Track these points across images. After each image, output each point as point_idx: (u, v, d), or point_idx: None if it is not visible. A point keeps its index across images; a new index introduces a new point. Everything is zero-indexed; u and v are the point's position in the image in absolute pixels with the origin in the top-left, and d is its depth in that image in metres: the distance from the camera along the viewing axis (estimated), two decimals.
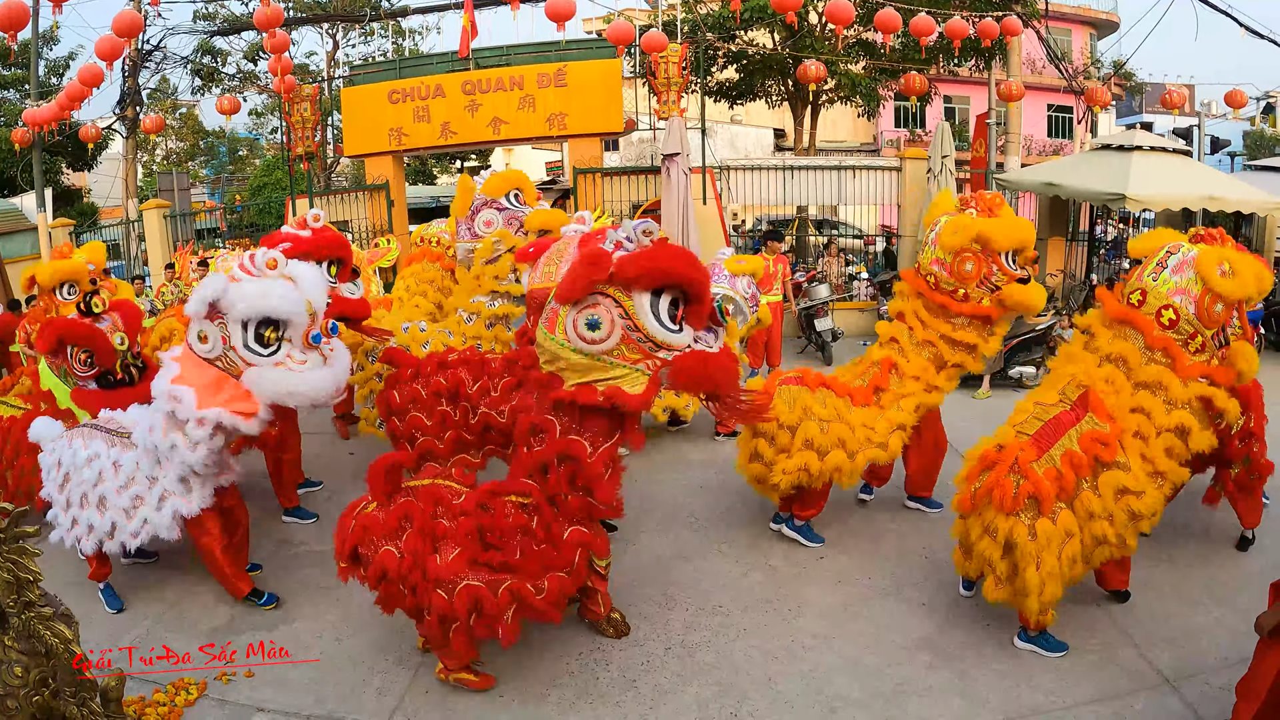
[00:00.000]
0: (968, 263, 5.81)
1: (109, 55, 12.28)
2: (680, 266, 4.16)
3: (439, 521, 4.44)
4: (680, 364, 4.24)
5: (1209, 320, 4.84)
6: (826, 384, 6.08)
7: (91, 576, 5.79)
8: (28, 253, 16.37)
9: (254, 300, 4.83)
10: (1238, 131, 36.76)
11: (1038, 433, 4.86)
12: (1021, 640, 4.98)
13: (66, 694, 3.65)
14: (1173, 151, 12.35)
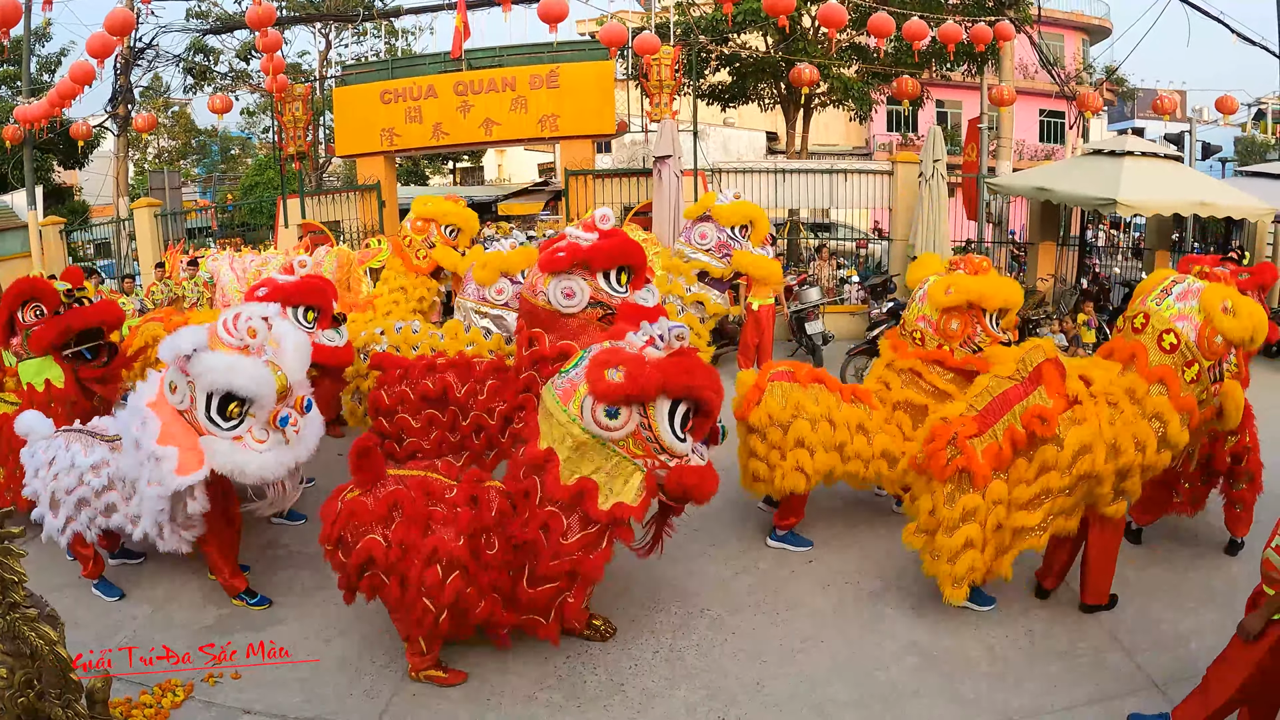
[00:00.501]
0: (954, 321, 6.05)
1: (100, 53, 12.24)
2: (708, 388, 4.46)
3: (433, 509, 4.52)
4: (681, 476, 4.49)
5: (1208, 351, 4.90)
6: (819, 379, 6.18)
7: (86, 575, 5.85)
8: (18, 251, 16.27)
9: (220, 374, 4.83)
10: (1229, 137, 36.95)
11: (985, 408, 5.06)
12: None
13: (51, 695, 3.63)
14: (1164, 157, 12.38)
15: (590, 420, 4.40)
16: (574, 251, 5.93)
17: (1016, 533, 5.02)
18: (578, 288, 5.91)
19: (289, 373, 5.10)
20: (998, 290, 6.06)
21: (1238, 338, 4.87)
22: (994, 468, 4.93)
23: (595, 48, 13.24)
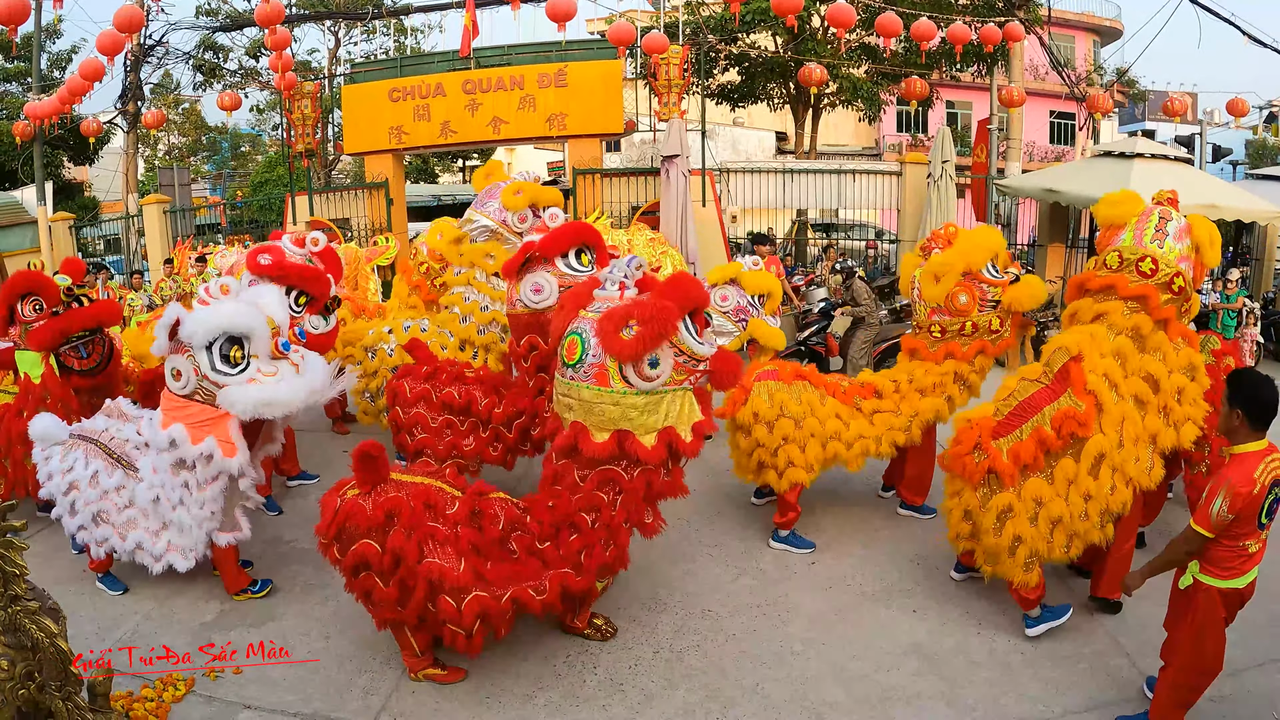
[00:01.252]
0: (960, 296, 6.03)
1: (110, 50, 12.29)
2: (699, 289, 4.70)
3: (433, 526, 4.47)
4: (721, 367, 4.69)
5: (1196, 286, 5.21)
6: (803, 376, 6.30)
7: (93, 567, 5.90)
8: (27, 246, 16.36)
9: (208, 322, 4.96)
10: (1240, 140, 36.76)
11: (1011, 411, 5.11)
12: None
13: (52, 688, 3.65)
14: (1174, 159, 12.33)
15: (640, 381, 4.50)
16: (525, 248, 6.00)
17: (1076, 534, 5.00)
18: (544, 281, 5.90)
19: (271, 315, 5.26)
20: (975, 246, 6.06)
21: (1215, 265, 5.24)
22: (1021, 465, 4.95)
23: (604, 47, 13.22)
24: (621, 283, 4.73)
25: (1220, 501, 3.81)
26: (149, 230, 15.59)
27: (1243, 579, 4.01)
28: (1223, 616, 4.04)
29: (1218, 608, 4.01)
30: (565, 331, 4.74)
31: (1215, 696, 4.56)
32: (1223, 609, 4.02)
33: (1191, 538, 3.95)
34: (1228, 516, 3.83)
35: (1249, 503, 3.82)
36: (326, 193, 14.72)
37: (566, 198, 16.40)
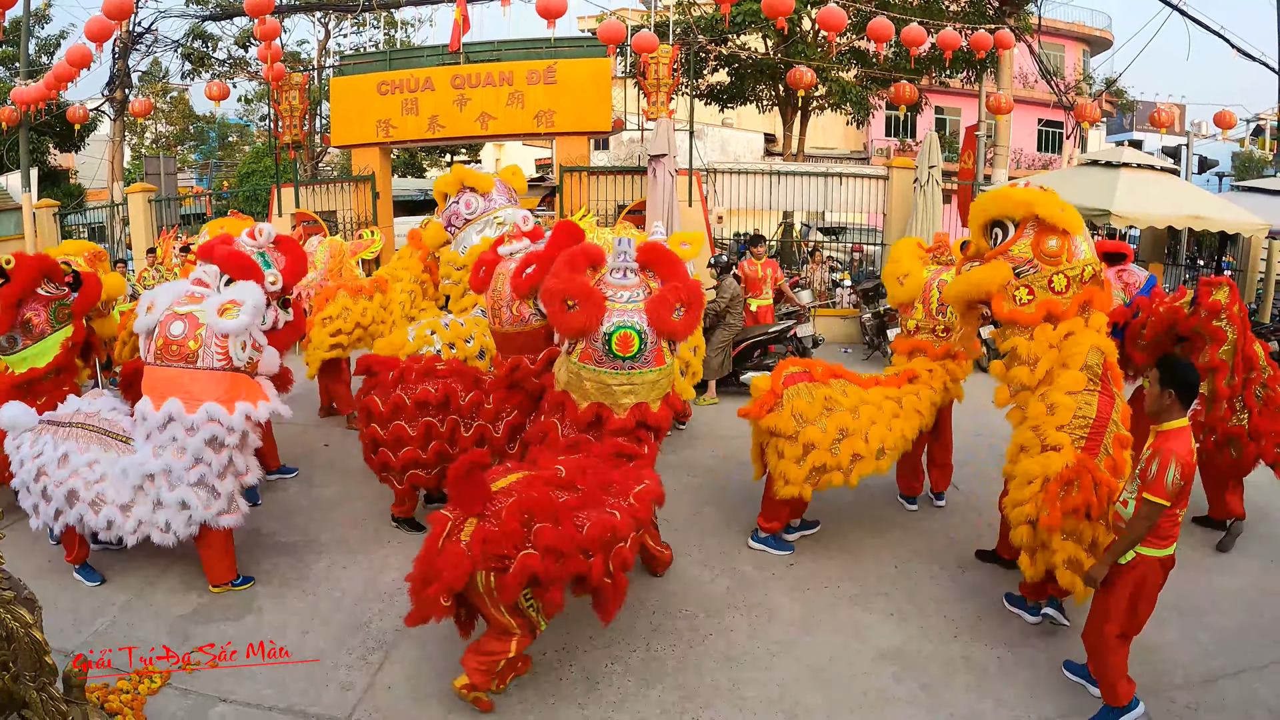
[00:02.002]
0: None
1: (98, 37, 12.21)
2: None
3: (562, 501, 4.42)
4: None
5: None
6: (839, 374, 6.32)
7: (70, 560, 5.85)
8: (11, 233, 16.25)
9: (259, 294, 5.62)
10: (1226, 152, 37.06)
11: (1088, 438, 5.02)
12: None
13: (27, 679, 3.62)
14: (1160, 170, 12.42)
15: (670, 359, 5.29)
16: (539, 267, 5.90)
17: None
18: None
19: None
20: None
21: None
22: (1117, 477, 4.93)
23: (593, 44, 13.21)
24: (624, 270, 5.21)
25: (1173, 470, 4.08)
26: (134, 219, 15.48)
27: (1172, 546, 4.32)
28: (1160, 583, 4.35)
29: (1157, 575, 4.31)
30: (597, 326, 4.99)
31: (1193, 704, 4.61)
32: (1160, 575, 4.33)
33: (1153, 510, 4.15)
34: (1180, 483, 4.10)
35: (1191, 470, 4.16)
36: (313, 185, 14.65)
37: (553, 195, 16.39)
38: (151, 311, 5.46)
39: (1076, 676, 4.78)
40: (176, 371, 5.38)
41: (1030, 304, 5.16)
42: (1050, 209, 5.11)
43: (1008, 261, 5.21)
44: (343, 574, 5.96)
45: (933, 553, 6.28)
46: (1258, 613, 5.53)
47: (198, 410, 5.29)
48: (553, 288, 5.04)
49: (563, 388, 5.38)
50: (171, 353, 5.39)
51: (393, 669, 4.92)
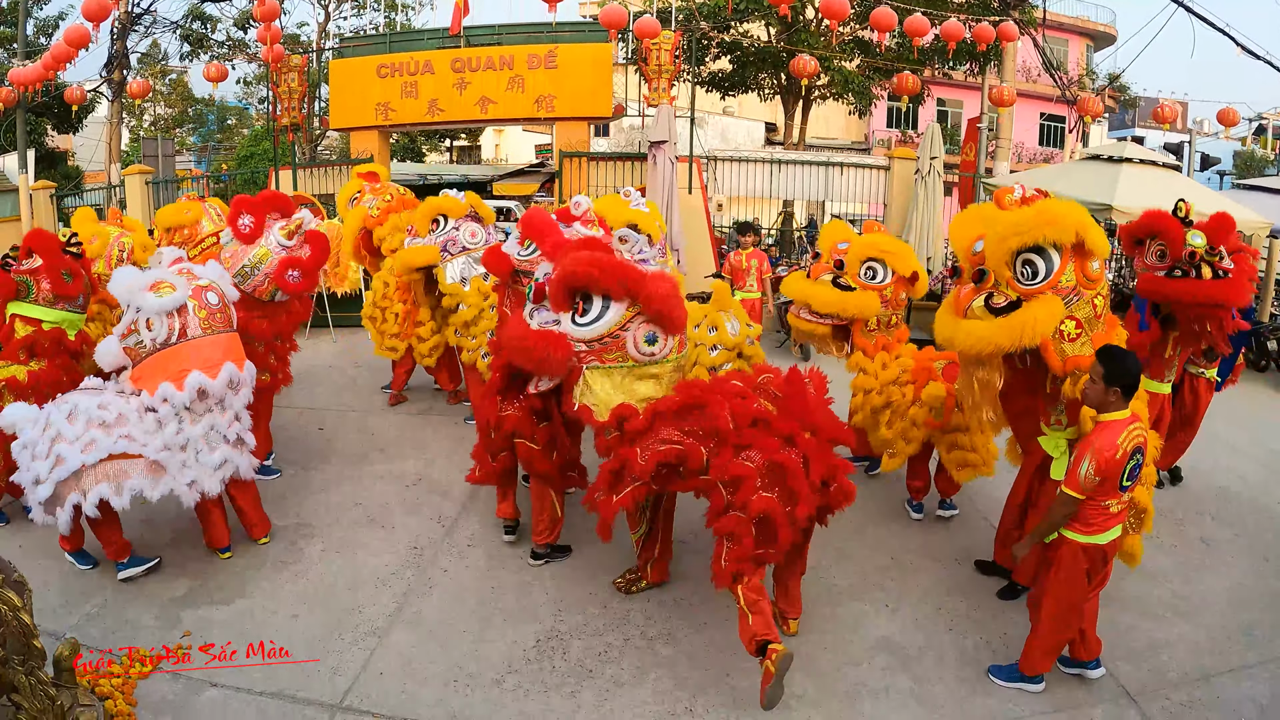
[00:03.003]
0: (901, 292, 6.55)
1: (96, 17, 12.13)
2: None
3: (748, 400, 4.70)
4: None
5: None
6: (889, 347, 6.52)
7: (65, 546, 5.74)
8: (7, 214, 16.17)
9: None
10: (1229, 151, 36.99)
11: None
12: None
13: (15, 662, 3.60)
14: (1162, 165, 12.35)
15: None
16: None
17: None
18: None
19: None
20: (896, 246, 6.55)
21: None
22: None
23: (595, 29, 13.13)
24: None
25: (1087, 465, 4.11)
26: (131, 201, 15.42)
27: (1105, 535, 4.32)
28: (1085, 569, 4.37)
29: (1080, 560, 4.35)
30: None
31: (1188, 702, 4.61)
32: (1085, 561, 4.35)
33: (1066, 501, 4.24)
34: (1095, 479, 4.12)
35: (1112, 466, 4.10)
36: (311, 168, 14.59)
37: (552, 181, 16.32)
38: (172, 291, 5.40)
39: (1071, 669, 4.77)
40: (227, 337, 5.60)
41: (1081, 340, 4.60)
42: (1095, 225, 4.48)
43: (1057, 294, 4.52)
44: (335, 559, 5.93)
45: (928, 546, 6.26)
46: (1250, 611, 5.52)
47: (246, 368, 5.63)
48: (667, 290, 4.82)
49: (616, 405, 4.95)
50: (218, 320, 5.56)
51: (385, 655, 4.90)
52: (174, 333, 5.36)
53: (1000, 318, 4.50)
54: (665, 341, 4.89)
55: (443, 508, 6.72)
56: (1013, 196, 4.67)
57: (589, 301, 4.81)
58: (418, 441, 8.03)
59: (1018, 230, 4.42)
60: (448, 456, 7.60)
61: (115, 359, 5.48)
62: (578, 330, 4.83)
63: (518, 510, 6.18)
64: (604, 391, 4.91)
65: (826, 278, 6.52)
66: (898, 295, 6.53)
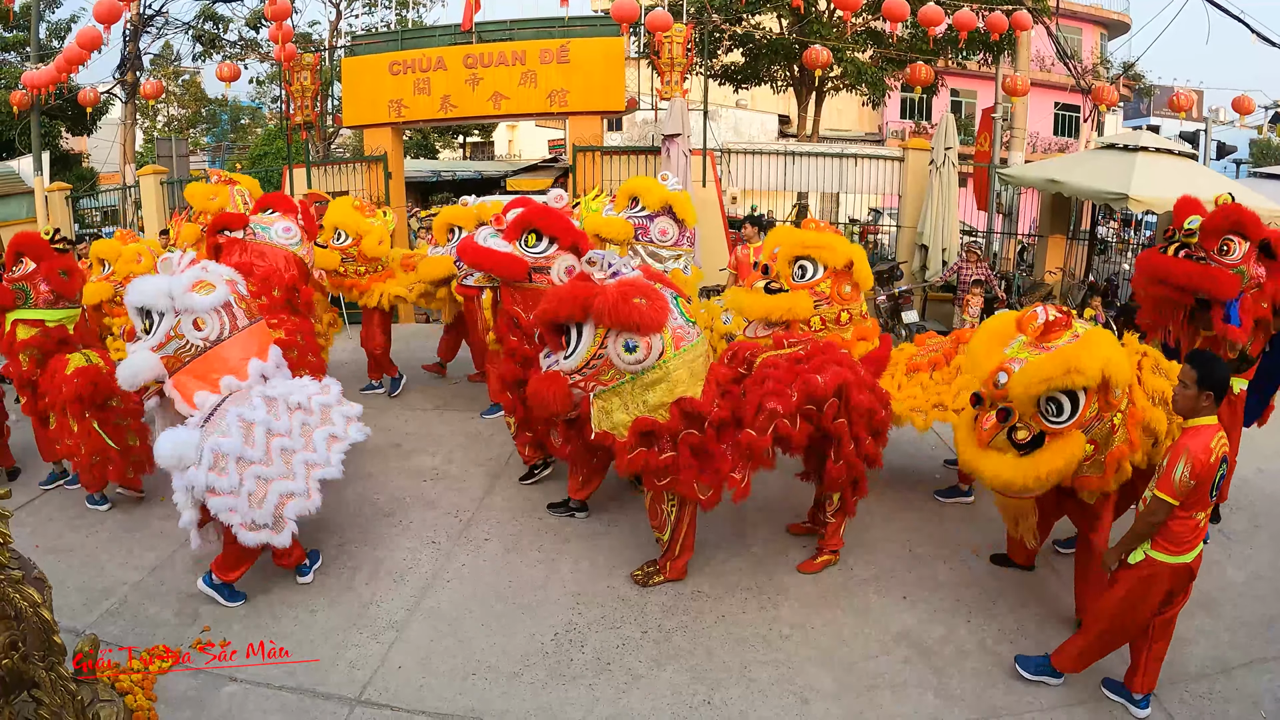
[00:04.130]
0: (844, 285, 6.61)
1: (108, 19, 12.18)
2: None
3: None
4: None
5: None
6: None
7: (286, 563, 5.45)
8: (23, 216, 16.25)
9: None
10: (1244, 139, 36.66)
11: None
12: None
13: (35, 658, 3.61)
14: (1178, 154, 12.24)
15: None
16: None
17: None
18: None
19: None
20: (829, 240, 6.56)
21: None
22: None
23: (606, 23, 13.09)
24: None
25: (1182, 468, 3.94)
26: (146, 201, 15.48)
27: (1191, 553, 4.15)
28: (1167, 590, 4.20)
29: (1163, 582, 4.17)
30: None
31: (1206, 694, 4.57)
32: (1168, 582, 4.18)
33: (1159, 507, 4.06)
34: (1190, 483, 3.95)
35: (1208, 470, 3.95)
36: (325, 166, 14.62)
37: (566, 175, 16.32)
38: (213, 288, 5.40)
39: (1116, 695, 4.52)
40: (260, 325, 5.76)
41: (1094, 460, 4.62)
42: (1121, 360, 4.41)
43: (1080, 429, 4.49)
44: (352, 554, 5.95)
45: (946, 537, 6.23)
46: (1269, 603, 5.47)
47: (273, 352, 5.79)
48: (612, 299, 4.84)
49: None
50: (253, 309, 5.73)
51: (403, 649, 4.92)
52: (225, 327, 5.39)
53: (1024, 457, 4.49)
54: (647, 344, 4.86)
55: (459, 502, 6.73)
56: (1036, 323, 4.52)
57: (568, 334, 4.98)
58: (433, 436, 8.05)
59: (1046, 379, 4.32)
60: (464, 451, 7.61)
61: (151, 372, 5.28)
62: (566, 363, 4.99)
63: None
64: (618, 413, 5.03)
65: (760, 285, 6.54)
66: (838, 289, 6.51)
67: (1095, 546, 4.91)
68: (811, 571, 5.69)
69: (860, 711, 4.44)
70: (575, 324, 4.92)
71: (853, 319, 6.64)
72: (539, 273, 6.59)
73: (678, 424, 4.95)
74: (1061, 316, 4.51)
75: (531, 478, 7.01)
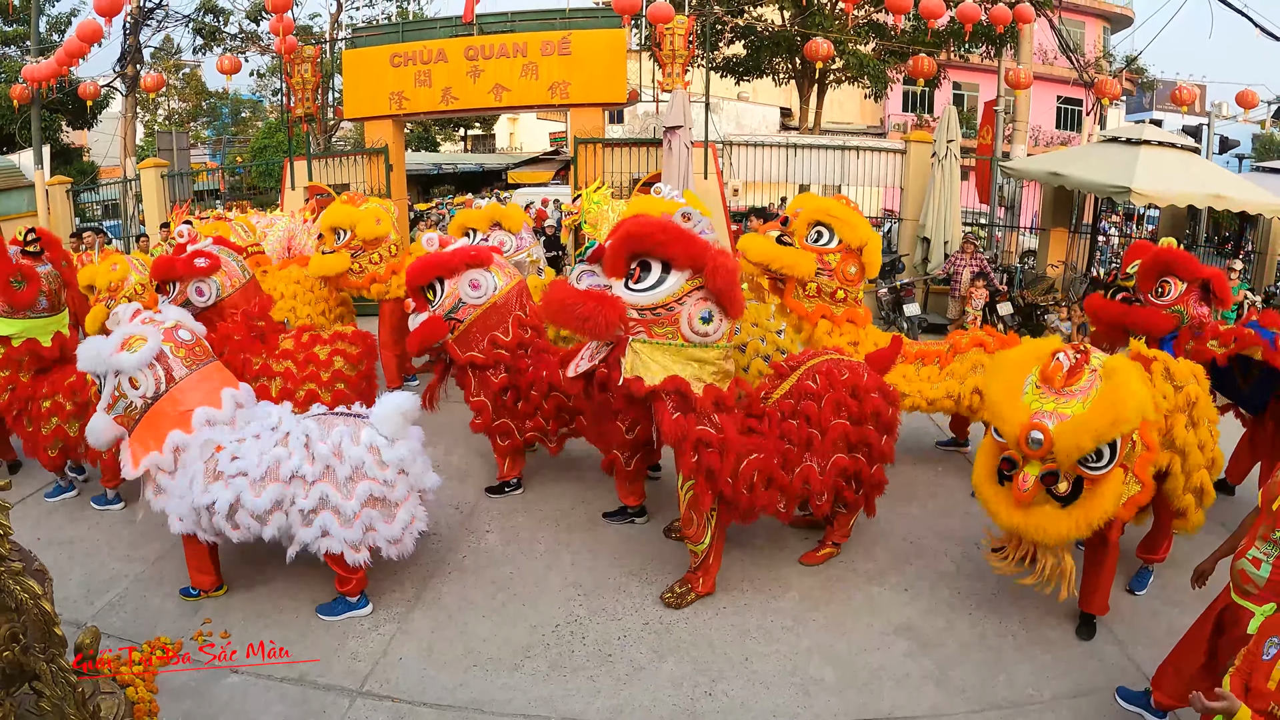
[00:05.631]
0: (850, 265, 6.71)
1: (108, 11, 12.16)
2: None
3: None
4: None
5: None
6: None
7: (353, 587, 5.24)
8: (24, 210, 16.23)
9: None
10: (1247, 133, 36.55)
11: None
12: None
13: (36, 650, 3.61)
14: (1181, 148, 12.21)
15: None
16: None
17: None
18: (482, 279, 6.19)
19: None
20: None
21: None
22: None
23: (608, 15, 13.05)
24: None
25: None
26: (146, 194, 15.48)
27: None
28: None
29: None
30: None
31: None
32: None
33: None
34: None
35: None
36: (326, 158, 14.59)
37: (568, 167, 16.28)
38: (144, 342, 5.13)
39: (1133, 705, 4.37)
40: (212, 366, 5.45)
41: (1128, 479, 4.52)
42: (1149, 402, 4.35)
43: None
44: None
45: (948, 529, 6.23)
46: None
47: (242, 388, 5.55)
48: (733, 266, 4.64)
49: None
50: (198, 353, 5.36)
51: (404, 640, 4.92)
52: (160, 381, 5.05)
53: (1066, 508, 4.26)
54: (719, 323, 4.66)
55: (461, 494, 6.72)
56: (1061, 373, 4.24)
57: (646, 269, 4.56)
58: (435, 427, 7.98)
59: (1095, 437, 4.06)
60: (465, 443, 7.60)
61: (110, 433, 5.13)
62: (632, 296, 4.55)
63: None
64: (655, 361, 4.66)
65: (773, 234, 6.63)
66: (845, 268, 6.56)
67: (1107, 545, 4.84)
68: (813, 564, 5.69)
69: (862, 703, 4.43)
70: (665, 264, 4.54)
71: (848, 299, 6.66)
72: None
73: (709, 407, 4.76)
74: (1080, 357, 4.27)
75: (500, 493, 6.81)
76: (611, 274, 4.65)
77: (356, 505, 4.84)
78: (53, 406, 6.32)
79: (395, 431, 4.97)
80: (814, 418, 5.11)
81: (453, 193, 29.43)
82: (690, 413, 4.72)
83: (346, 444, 4.87)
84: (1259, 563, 3.67)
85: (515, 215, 8.92)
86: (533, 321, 6.34)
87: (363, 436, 4.91)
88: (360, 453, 4.85)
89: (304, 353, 6.62)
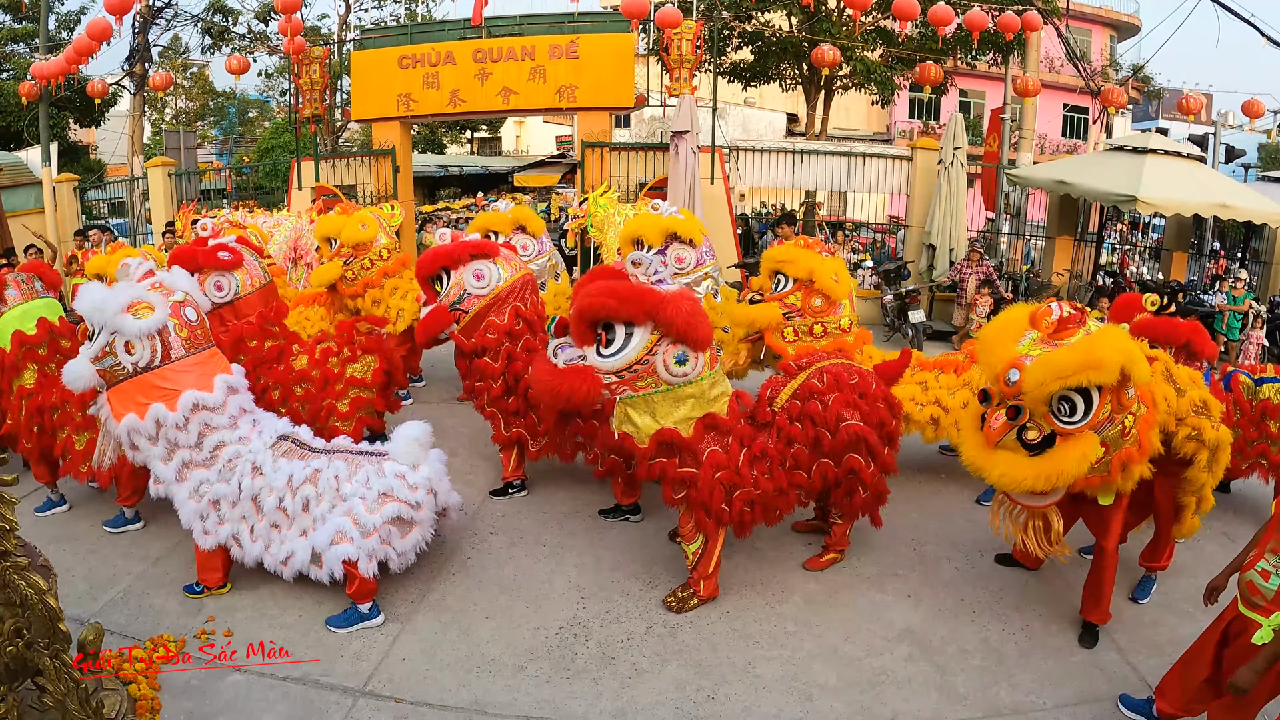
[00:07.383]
0: (815, 298, 6.87)
1: (118, 10, 12.20)
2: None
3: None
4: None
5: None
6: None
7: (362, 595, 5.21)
8: (31, 207, 16.28)
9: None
10: (1254, 143, 36.52)
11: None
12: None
13: (40, 645, 3.61)
14: (1187, 157, 12.20)
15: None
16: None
17: None
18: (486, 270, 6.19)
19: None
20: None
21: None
22: None
23: (616, 19, 13.09)
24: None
25: None
26: (153, 193, 15.52)
27: None
28: None
29: None
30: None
31: None
32: None
33: None
34: None
35: None
36: (333, 159, 14.63)
37: (574, 171, 16.30)
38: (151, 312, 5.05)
39: (1135, 714, 4.36)
40: (209, 353, 5.35)
41: (1103, 462, 4.40)
42: (1140, 357, 4.20)
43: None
44: None
45: (950, 535, 6.23)
46: None
47: (236, 372, 5.55)
48: (688, 309, 4.70)
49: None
50: (199, 336, 5.27)
51: (408, 641, 4.92)
52: (156, 355, 4.92)
53: (1034, 456, 4.20)
54: (696, 359, 4.74)
55: (465, 496, 6.71)
56: (1050, 319, 4.26)
57: (611, 331, 4.66)
58: (439, 430, 7.97)
59: (1061, 375, 4.02)
60: (469, 445, 7.61)
61: (87, 382, 4.99)
62: (605, 362, 4.66)
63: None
64: (643, 421, 4.82)
65: (750, 296, 7.01)
66: (808, 302, 6.73)
67: (1107, 553, 4.86)
68: (817, 569, 5.69)
69: (864, 708, 4.43)
70: (626, 325, 4.64)
71: (827, 332, 6.75)
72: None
73: (700, 439, 4.86)
74: (1075, 313, 4.28)
75: (504, 495, 6.84)
76: (581, 344, 4.76)
77: (379, 520, 5.01)
78: (62, 416, 6.24)
79: (415, 460, 5.23)
80: (819, 417, 5.12)
81: (458, 194, 29.48)
82: (672, 457, 4.89)
83: (374, 478, 5.10)
84: (1268, 575, 3.66)
85: (537, 219, 9.04)
86: (530, 315, 6.34)
87: (386, 470, 5.14)
88: (389, 481, 5.11)
89: (319, 369, 6.57)
